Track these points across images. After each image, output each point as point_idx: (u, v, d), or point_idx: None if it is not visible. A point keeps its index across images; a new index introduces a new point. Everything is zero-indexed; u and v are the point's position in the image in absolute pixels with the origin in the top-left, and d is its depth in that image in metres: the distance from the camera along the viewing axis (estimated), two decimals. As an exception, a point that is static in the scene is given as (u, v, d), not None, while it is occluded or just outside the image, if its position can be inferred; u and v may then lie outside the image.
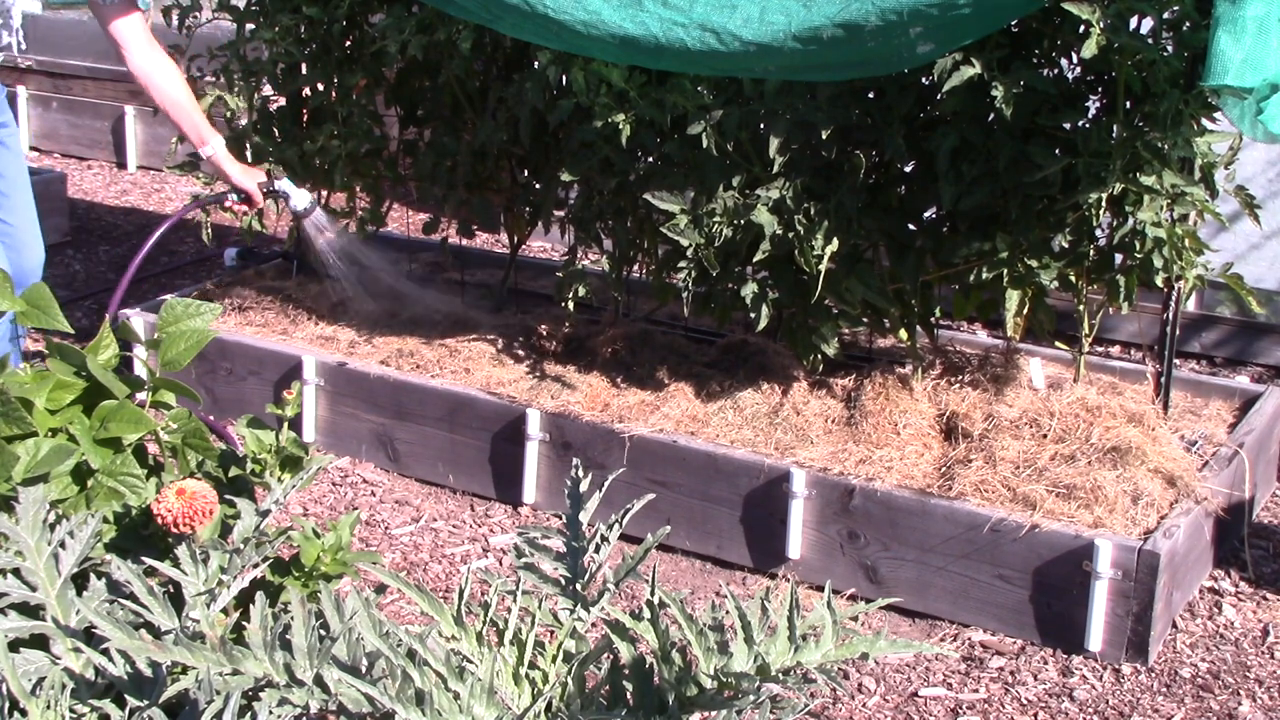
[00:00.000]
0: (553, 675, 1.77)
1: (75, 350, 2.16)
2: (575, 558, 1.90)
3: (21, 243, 3.84)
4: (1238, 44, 2.79)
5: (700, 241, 3.57)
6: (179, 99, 3.87)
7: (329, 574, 2.10)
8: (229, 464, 2.18)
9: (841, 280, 3.56)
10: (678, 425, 3.65)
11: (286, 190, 4.06)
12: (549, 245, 5.82)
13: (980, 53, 3.21)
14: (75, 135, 7.22)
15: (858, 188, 3.49)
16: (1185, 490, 3.32)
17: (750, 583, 3.47)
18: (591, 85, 3.67)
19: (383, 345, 4.22)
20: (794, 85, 3.49)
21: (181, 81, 3.87)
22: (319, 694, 1.64)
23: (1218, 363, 4.78)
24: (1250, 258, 4.62)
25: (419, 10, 4.07)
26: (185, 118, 3.89)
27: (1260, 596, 3.40)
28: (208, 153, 3.96)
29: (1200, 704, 2.99)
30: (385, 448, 3.99)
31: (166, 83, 3.84)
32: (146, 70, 3.80)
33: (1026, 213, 3.40)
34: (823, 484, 3.38)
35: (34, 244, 3.90)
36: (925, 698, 3.00)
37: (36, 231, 3.92)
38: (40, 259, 3.91)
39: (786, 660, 1.68)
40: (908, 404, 3.59)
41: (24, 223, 3.86)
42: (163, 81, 3.83)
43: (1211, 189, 3.39)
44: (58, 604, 1.81)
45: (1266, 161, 4.58)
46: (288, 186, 4.07)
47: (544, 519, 3.73)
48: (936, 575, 3.27)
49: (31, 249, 3.88)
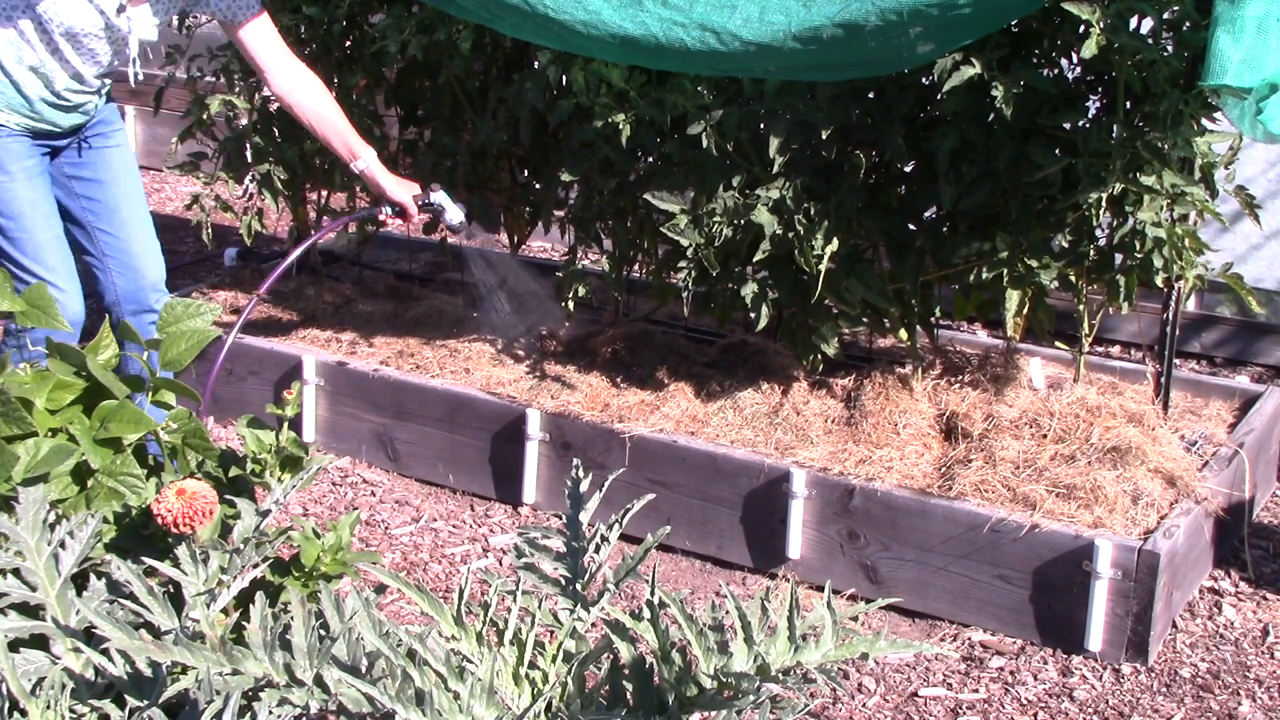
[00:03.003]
0: (553, 675, 1.77)
1: (75, 350, 2.16)
2: (575, 558, 1.90)
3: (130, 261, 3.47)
4: (1237, 44, 2.80)
5: (700, 241, 3.57)
6: (326, 113, 3.55)
7: (329, 574, 2.10)
8: (229, 464, 2.18)
9: (841, 280, 3.56)
10: (678, 425, 3.65)
11: (442, 204, 3.76)
12: (549, 245, 5.82)
13: (980, 53, 3.21)
14: (75, 135, 7.21)
15: (858, 188, 3.49)
16: (1185, 490, 3.32)
17: (750, 583, 3.47)
18: (591, 85, 3.67)
19: (383, 345, 4.22)
20: (794, 85, 3.49)
21: (326, 94, 3.58)
22: (319, 694, 1.64)
23: (1218, 363, 4.78)
24: (1250, 258, 4.62)
25: (419, 10, 4.07)
26: (334, 133, 3.57)
27: (1260, 596, 3.40)
28: (359, 167, 3.63)
29: (1200, 704, 2.99)
30: (385, 448, 3.99)
31: (312, 99, 3.52)
32: (287, 88, 3.48)
33: (1026, 213, 3.40)
34: (823, 484, 3.38)
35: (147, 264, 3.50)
36: (925, 698, 3.00)
37: (152, 246, 3.53)
38: (158, 276, 3.52)
39: (786, 660, 1.68)
40: (908, 404, 3.59)
41: (135, 236, 3.49)
42: (306, 98, 3.51)
43: (1211, 189, 3.39)
44: (58, 604, 1.81)
45: (1266, 161, 4.58)
46: (443, 200, 3.76)
47: (544, 519, 3.73)
48: (936, 575, 3.27)
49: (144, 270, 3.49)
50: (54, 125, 3.31)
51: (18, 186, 3.27)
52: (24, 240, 3.29)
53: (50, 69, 3.18)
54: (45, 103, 3.24)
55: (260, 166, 4.48)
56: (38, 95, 3.22)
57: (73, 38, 3.14)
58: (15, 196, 3.27)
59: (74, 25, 3.12)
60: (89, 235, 3.45)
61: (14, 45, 3.14)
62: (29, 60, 3.15)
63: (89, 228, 3.45)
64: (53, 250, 3.33)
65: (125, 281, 3.45)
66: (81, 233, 3.45)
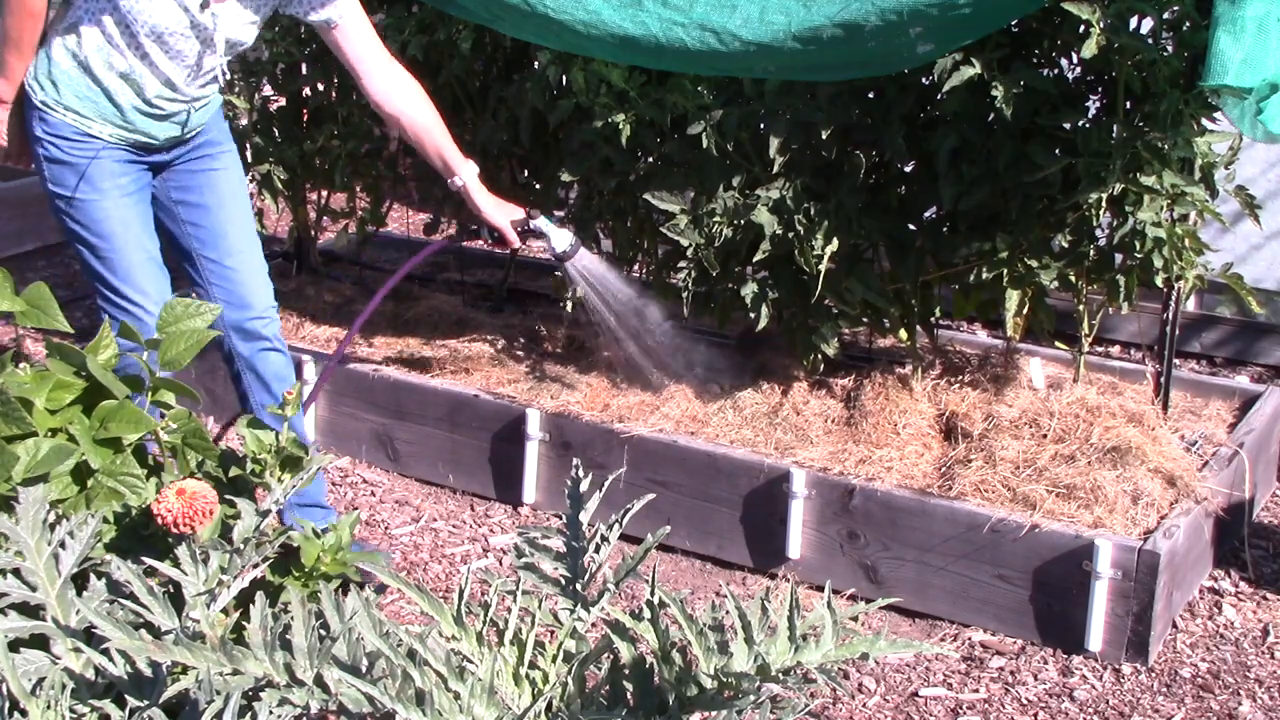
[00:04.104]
0: (553, 675, 1.77)
1: (75, 350, 2.16)
2: (575, 558, 1.90)
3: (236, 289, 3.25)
4: (1237, 44, 2.80)
5: (700, 241, 3.57)
6: (427, 123, 3.27)
7: (329, 574, 2.10)
8: (229, 464, 2.18)
9: (841, 280, 3.56)
10: (678, 425, 3.65)
11: (545, 230, 3.46)
12: (549, 245, 5.81)
13: (980, 53, 3.21)
14: (75, 135, 7.21)
15: (858, 188, 3.49)
16: (1185, 490, 3.32)
17: (750, 583, 3.47)
18: (591, 85, 3.67)
19: (383, 345, 4.22)
20: (794, 85, 3.49)
21: (428, 102, 3.28)
22: (319, 694, 1.64)
23: (1218, 363, 4.78)
24: (1250, 258, 4.62)
25: (419, 10, 4.08)
26: (432, 145, 3.29)
27: (1260, 596, 3.40)
28: (457, 184, 3.36)
29: (1200, 704, 2.99)
30: (385, 448, 3.99)
31: (412, 106, 3.25)
32: (385, 93, 3.22)
33: (1026, 213, 3.40)
34: (823, 484, 3.38)
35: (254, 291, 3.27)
36: (925, 698, 3.00)
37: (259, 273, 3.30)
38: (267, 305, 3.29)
39: (786, 660, 1.68)
40: (908, 404, 3.59)
41: (242, 264, 3.27)
42: (406, 105, 3.24)
43: (1211, 189, 3.39)
44: (58, 604, 1.81)
45: (1266, 161, 4.58)
46: (547, 226, 3.46)
47: (544, 519, 3.73)
48: (936, 575, 3.27)
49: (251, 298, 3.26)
50: (149, 136, 3.11)
51: (110, 205, 3.09)
52: (115, 261, 3.10)
53: (141, 75, 3.00)
54: (138, 111, 3.05)
55: (260, 167, 4.48)
56: (129, 104, 3.03)
57: (159, 38, 2.97)
58: (106, 215, 3.09)
59: (159, 23, 2.94)
60: (193, 261, 3.24)
61: (103, 51, 2.98)
62: (119, 66, 2.99)
63: (193, 254, 3.23)
64: (145, 272, 3.14)
65: (232, 310, 3.23)
66: (186, 260, 3.25)
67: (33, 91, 3.04)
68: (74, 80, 3.01)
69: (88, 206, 3.08)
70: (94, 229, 3.09)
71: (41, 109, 3.04)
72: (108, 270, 3.11)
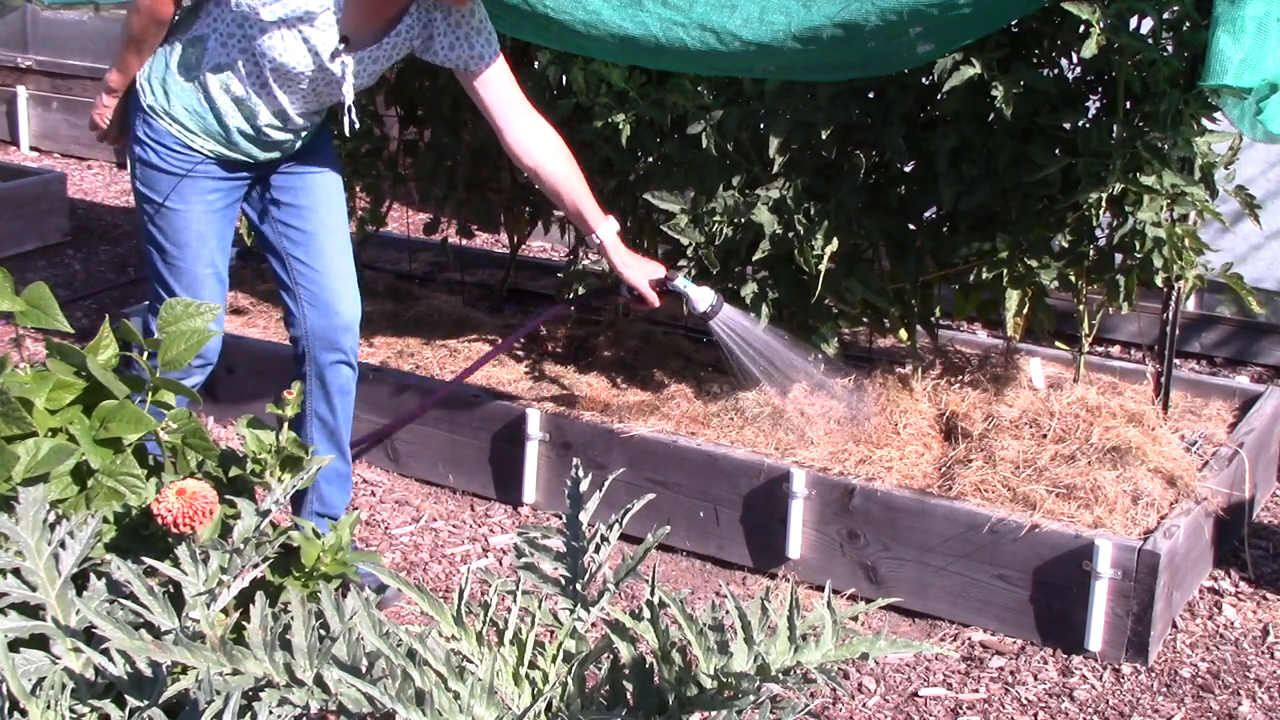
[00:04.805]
0: (553, 675, 1.77)
1: (75, 350, 2.16)
2: (575, 558, 1.90)
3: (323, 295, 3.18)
4: (1237, 44, 2.79)
5: (700, 240, 3.57)
6: (566, 176, 3.13)
7: (329, 574, 2.10)
8: (229, 464, 2.18)
9: (841, 280, 3.56)
10: (678, 425, 3.65)
11: (686, 290, 3.30)
12: (549, 245, 5.82)
13: (980, 53, 3.21)
14: (75, 135, 7.21)
15: (858, 188, 3.50)
16: (1185, 490, 3.32)
17: (750, 583, 3.47)
18: (591, 85, 3.68)
19: (383, 345, 4.22)
20: (794, 85, 3.49)
21: (568, 155, 3.15)
22: (319, 694, 1.64)
23: (1218, 363, 4.78)
24: (1250, 258, 4.62)
25: (419, 10, 4.07)
26: (570, 200, 3.15)
27: (1260, 596, 3.40)
28: (596, 241, 3.21)
29: (1200, 704, 2.99)
30: (385, 448, 3.99)
31: (551, 159, 3.12)
32: (526, 144, 3.09)
33: (1026, 213, 3.40)
34: (823, 484, 3.38)
35: (342, 300, 3.19)
36: (925, 698, 3.00)
37: (349, 283, 3.22)
38: (352, 317, 3.21)
39: (786, 660, 1.68)
40: (908, 404, 3.59)
41: (332, 270, 3.19)
42: (546, 158, 3.11)
43: (1211, 189, 3.39)
44: (58, 604, 1.81)
45: (1266, 161, 4.58)
46: (687, 286, 3.30)
47: (544, 519, 3.73)
48: (936, 575, 3.27)
49: (338, 306, 3.18)
50: (248, 158, 3.05)
51: (193, 218, 3.06)
52: (183, 270, 3.08)
53: (255, 103, 2.94)
54: (243, 135, 2.99)
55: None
56: (236, 126, 2.97)
57: (282, 76, 2.90)
58: (186, 227, 3.05)
59: (286, 63, 2.87)
60: (283, 263, 3.18)
61: (222, 73, 2.91)
62: (235, 91, 2.92)
63: (284, 255, 3.17)
64: (209, 287, 3.11)
65: (316, 316, 3.16)
66: (276, 260, 3.19)
67: (143, 92, 2.98)
68: (186, 92, 2.95)
69: (172, 216, 3.05)
70: (172, 238, 3.07)
71: (148, 112, 2.98)
72: (172, 278, 3.09)
